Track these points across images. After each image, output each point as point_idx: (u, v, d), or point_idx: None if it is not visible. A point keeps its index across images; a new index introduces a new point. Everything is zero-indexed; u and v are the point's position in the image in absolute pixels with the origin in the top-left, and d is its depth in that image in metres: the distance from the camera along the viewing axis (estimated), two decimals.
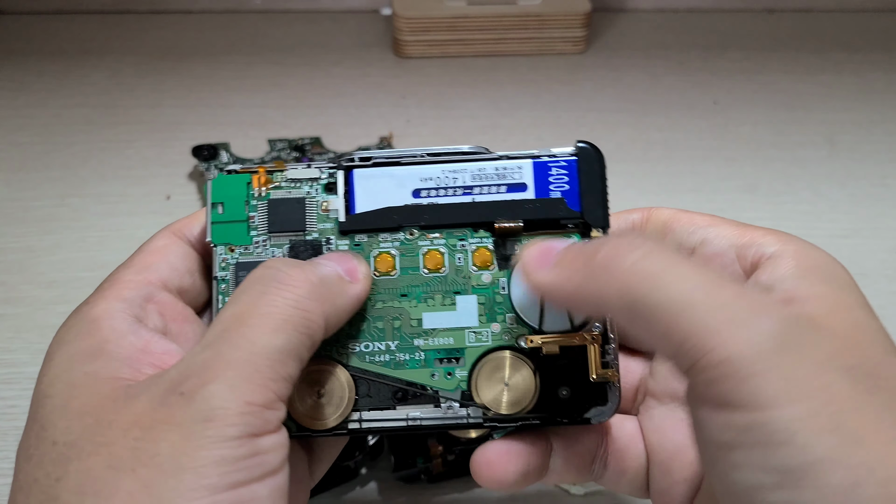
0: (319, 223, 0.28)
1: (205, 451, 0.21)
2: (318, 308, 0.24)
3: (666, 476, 0.28)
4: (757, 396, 0.20)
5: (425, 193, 0.28)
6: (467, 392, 0.27)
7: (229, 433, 0.21)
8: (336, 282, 0.26)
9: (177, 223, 0.29)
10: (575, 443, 0.28)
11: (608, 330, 0.28)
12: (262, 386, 0.22)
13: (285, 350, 0.23)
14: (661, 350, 0.22)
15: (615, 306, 0.22)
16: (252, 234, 0.28)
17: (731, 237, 0.27)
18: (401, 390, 0.28)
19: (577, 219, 0.28)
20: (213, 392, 0.21)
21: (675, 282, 0.21)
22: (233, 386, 0.21)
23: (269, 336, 0.22)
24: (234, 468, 0.21)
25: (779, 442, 0.19)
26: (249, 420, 0.21)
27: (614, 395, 0.28)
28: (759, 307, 0.21)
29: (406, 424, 0.27)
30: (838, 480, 0.19)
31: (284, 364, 0.23)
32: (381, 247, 0.28)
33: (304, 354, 0.24)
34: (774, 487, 0.20)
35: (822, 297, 0.23)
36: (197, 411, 0.21)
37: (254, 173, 0.29)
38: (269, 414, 0.22)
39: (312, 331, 0.24)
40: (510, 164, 0.28)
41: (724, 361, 0.20)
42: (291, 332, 0.23)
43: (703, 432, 0.21)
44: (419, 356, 0.28)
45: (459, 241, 0.28)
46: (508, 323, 0.28)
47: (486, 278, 0.28)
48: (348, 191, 0.28)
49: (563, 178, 0.28)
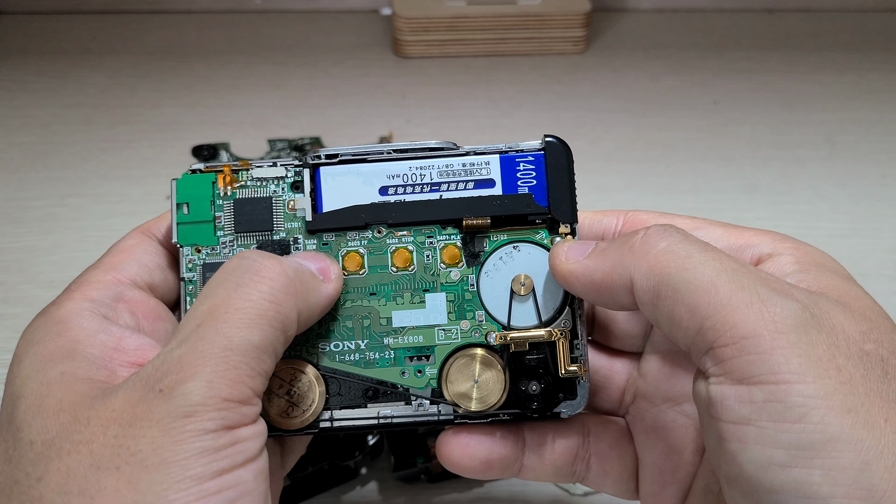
0: (286, 222, 0.28)
1: (186, 445, 0.21)
2: (292, 303, 0.24)
3: (657, 477, 0.28)
4: (776, 371, 0.20)
5: (392, 191, 0.28)
6: (437, 389, 0.28)
7: (208, 427, 0.21)
8: (310, 278, 0.26)
9: (146, 223, 0.29)
10: (550, 441, 0.28)
11: (577, 325, 0.28)
12: (238, 382, 0.22)
13: (260, 346, 0.23)
14: (680, 331, 0.23)
15: (642, 287, 0.23)
16: (219, 235, 0.28)
17: (722, 240, 0.27)
18: (371, 388, 0.28)
19: (544, 214, 0.28)
20: (190, 389, 0.21)
21: (703, 263, 0.22)
22: (210, 382, 0.21)
23: (244, 332, 0.22)
24: (215, 457, 0.21)
25: (795, 417, 0.20)
26: (227, 415, 0.21)
27: (584, 389, 0.28)
28: (782, 289, 0.22)
29: (377, 423, 0.27)
30: (848, 461, 0.19)
31: (259, 360, 0.23)
32: (349, 245, 0.28)
33: (278, 349, 0.24)
34: (785, 465, 0.20)
35: (831, 288, 0.24)
36: (176, 407, 0.21)
37: (219, 172, 0.28)
38: (246, 409, 0.22)
39: (286, 326, 0.24)
40: (477, 160, 0.28)
41: (747, 336, 0.21)
42: (266, 327, 0.23)
43: (716, 410, 0.22)
44: (389, 354, 0.28)
45: (428, 238, 0.28)
46: (477, 320, 0.28)
47: (455, 275, 0.28)
48: (315, 189, 0.28)
49: (530, 174, 0.28)
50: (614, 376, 0.30)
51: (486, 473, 0.28)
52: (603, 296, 0.25)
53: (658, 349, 0.29)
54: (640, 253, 0.24)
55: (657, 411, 0.29)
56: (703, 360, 0.22)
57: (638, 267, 0.23)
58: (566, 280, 0.26)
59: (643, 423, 0.29)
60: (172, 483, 0.20)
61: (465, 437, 0.27)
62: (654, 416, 0.29)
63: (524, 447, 0.28)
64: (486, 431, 0.28)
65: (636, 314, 0.29)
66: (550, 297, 0.28)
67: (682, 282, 0.22)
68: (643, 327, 0.30)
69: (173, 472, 0.20)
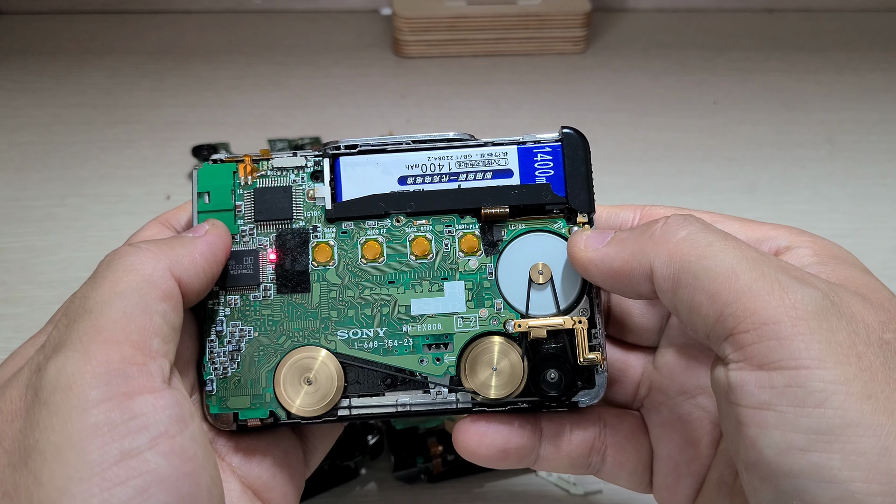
0: (306, 211, 0.28)
1: (74, 423, 0.20)
2: (152, 262, 0.24)
3: (672, 471, 0.28)
4: (796, 356, 0.20)
5: (411, 180, 0.29)
6: (456, 377, 0.28)
7: (91, 396, 0.20)
8: (175, 240, 0.25)
9: (165, 214, 0.29)
10: (568, 431, 0.28)
11: (595, 314, 0.28)
12: (113, 343, 0.21)
13: (128, 310, 0.22)
14: (699, 319, 0.23)
15: (662, 274, 0.23)
16: (239, 223, 0.28)
17: (740, 233, 0.27)
18: (390, 376, 0.28)
19: (562, 204, 0.28)
20: (63, 360, 0.21)
21: (724, 252, 0.23)
22: (83, 351, 0.21)
23: (108, 302, 0.22)
24: (112, 436, 0.20)
25: (815, 402, 0.20)
26: (110, 380, 0.20)
27: (602, 378, 0.28)
28: (803, 278, 0.22)
29: (395, 410, 0.27)
30: (868, 446, 0.19)
31: (133, 319, 0.22)
32: (368, 234, 0.28)
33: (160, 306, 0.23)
34: (805, 450, 0.20)
35: (849, 280, 0.24)
36: (52, 382, 0.20)
37: (240, 162, 0.29)
38: (135, 370, 0.21)
39: (156, 283, 0.23)
40: (495, 151, 0.29)
41: (768, 322, 0.21)
42: (130, 292, 0.22)
43: (736, 395, 0.22)
44: (408, 342, 0.28)
45: (446, 227, 0.28)
46: (496, 308, 0.28)
47: (473, 264, 0.28)
48: (334, 178, 0.29)
49: (547, 164, 0.29)
50: (629, 370, 0.30)
51: (503, 462, 0.28)
52: (622, 283, 0.25)
53: (674, 343, 0.29)
54: (661, 241, 0.24)
55: (672, 404, 0.29)
56: (722, 346, 0.22)
57: (658, 255, 0.24)
58: (585, 268, 0.26)
59: (658, 416, 0.29)
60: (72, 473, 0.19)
61: (483, 426, 0.27)
62: (669, 408, 0.29)
63: (541, 437, 0.28)
64: (504, 420, 0.28)
65: (651, 308, 0.30)
66: (568, 286, 0.28)
67: (703, 269, 0.22)
68: (658, 321, 0.30)
69: (70, 459, 0.19)
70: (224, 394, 0.27)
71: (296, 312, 0.28)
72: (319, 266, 0.28)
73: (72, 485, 0.19)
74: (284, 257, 0.28)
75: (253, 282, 0.28)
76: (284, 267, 0.28)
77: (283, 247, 0.28)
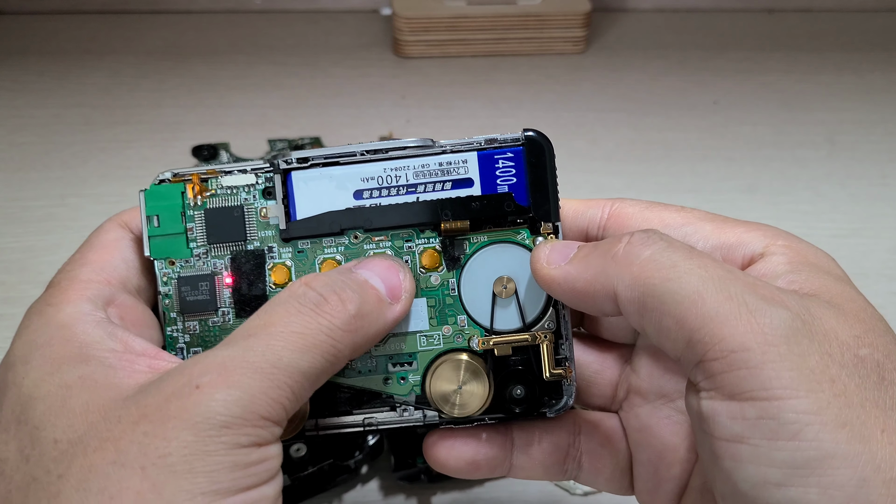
0: (260, 231, 0.27)
1: (218, 457, 0.20)
2: (350, 339, 0.23)
3: (652, 475, 0.28)
4: (767, 387, 0.20)
5: (367, 194, 0.27)
6: (421, 396, 0.27)
7: (242, 442, 0.21)
8: (374, 308, 0.24)
9: (123, 214, 0.28)
10: (539, 440, 0.28)
11: (561, 326, 0.27)
12: (277, 403, 0.21)
13: (307, 373, 0.22)
14: (668, 343, 0.22)
15: (627, 297, 0.23)
16: (192, 247, 0.27)
17: (713, 237, 0.26)
18: (356, 396, 0.27)
19: (525, 213, 0.27)
20: (232, 397, 0.21)
21: (688, 273, 0.22)
22: (253, 396, 0.21)
23: (295, 355, 0.22)
24: (244, 473, 0.20)
25: (788, 435, 0.19)
26: (261, 433, 0.21)
27: (570, 389, 0.27)
28: (771, 297, 0.21)
29: (363, 429, 0.27)
30: (845, 478, 0.19)
31: (301, 386, 0.22)
32: (325, 253, 0.27)
33: (321, 380, 0.23)
34: (780, 484, 0.20)
35: (823, 290, 0.23)
36: (213, 414, 0.20)
37: (187, 181, 0.27)
38: (276, 429, 0.22)
39: (337, 360, 0.23)
40: (454, 159, 0.27)
41: (736, 350, 0.20)
42: (318, 357, 0.22)
43: (708, 426, 0.21)
44: (372, 363, 0.27)
45: (406, 242, 0.27)
46: (459, 325, 0.27)
47: (435, 280, 0.27)
48: (287, 195, 0.27)
49: (510, 171, 0.27)
50: (605, 371, 0.29)
51: (474, 473, 0.28)
52: (586, 304, 0.24)
53: (649, 342, 0.28)
54: (624, 263, 0.23)
55: (651, 407, 0.28)
56: (693, 372, 0.22)
57: (621, 277, 0.23)
58: (548, 285, 0.25)
59: (637, 420, 0.28)
60: (197, 494, 0.20)
61: (451, 440, 0.27)
62: (647, 412, 0.28)
63: (512, 447, 0.28)
64: (472, 433, 0.27)
65: None
66: (534, 299, 0.27)
67: (668, 293, 0.22)
68: None
69: (201, 483, 0.20)
70: None
71: None
72: (277, 288, 0.27)
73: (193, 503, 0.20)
74: (241, 280, 0.27)
75: (211, 307, 0.27)
76: (241, 291, 0.27)
77: (238, 270, 0.27)
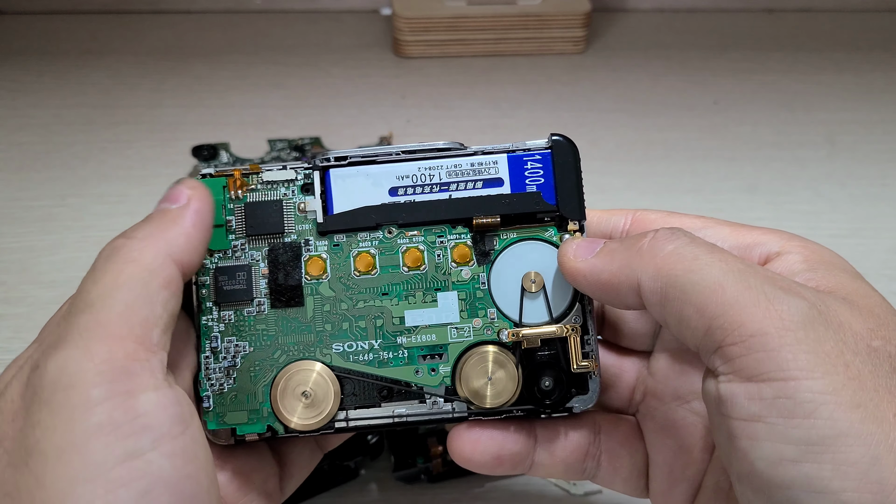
0: (297, 224, 0.28)
1: (77, 423, 0.19)
2: (152, 251, 0.23)
3: (667, 476, 0.28)
4: (784, 368, 0.21)
5: (402, 191, 0.29)
6: (451, 387, 0.28)
7: (94, 395, 0.20)
8: (165, 220, 0.24)
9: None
10: (562, 437, 0.29)
11: (587, 320, 0.28)
12: (116, 339, 0.21)
13: (131, 301, 0.22)
14: (688, 331, 0.23)
15: (650, 288, 0.24)
16: (230, 238, 0.28)
17: (730, 239, 0.27)
18: (386, 388, 0.28)
19: (553, 212, 0.28)
20: (65, 358, 0.20)
21: (710, 265, 0.23)
22: (85, 348, 0.20)
23: (110, 296, 0.21)
24: (116, 436, 0.19)
25: (804, 413, 0.20)
26: (113, 377, 0.20)
27: (595, 384, 0.28)
28: (789, 288, 0.22)
29: (392, 421, 0.28)
30: (858, 455, 0.20)
31: (135, 311, 0.22)
32: (360, 246, 0.28)
33: (161, 295, 0.22)
34: (795, 461, 0.20)
35: (839, 287, 0.24)
36: (54, 381, 0.20)
37: (229, 176, 0.28)
38: (137, 366, 0.21)
39: (157, 271, 0.23)
40: (485, 160, 0.29)
41: (755, 334, 0.21)
42: (133, 284, 0.22)
43: (726, 408, 0.22)
44: (402, 354, 0.28)
45: (438, 237, 0.29)
46: (489, 318, 0.28)
47: (466, 274, 0.28)
48: (325, 191, 0.29)
49: (538, 172, 0.29)
50: (624, 374, 0.30)
51: (497, 469, 0.28)
52: (610, 295, 0.25)
53: (667, 347, 0.29)
54: (648, 256, 0.24)
55: (667, 409, 0.29)
56: (712, 359, 0.22)
57: (645, 269, 0.24)
58: (574, 278, 0.26)
59: (653, 422, 0.29)
60: (75, 475, 0.19)
61: (477, 432, 0.27)
62: (664, 413, 0.29)
63: (536, 443, 0.28)
64: (499, 427, 0.28)
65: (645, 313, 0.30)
66: (561, 293, 0.28)
67: (690, 283, 0.23)
68: (652, 326, 0.30)
69: (73, 461, 0.19)
70: (221, 409, 0.27)
71: (290, 326, 0.28)
72: (312, 280, 0.28)
73: (75, 486, 0.19)
74: (277, 271, 0.28)
75: (246, 297, 0.28)
76: (277, 281, 0.28)
77: (275, 261, 0.28)
